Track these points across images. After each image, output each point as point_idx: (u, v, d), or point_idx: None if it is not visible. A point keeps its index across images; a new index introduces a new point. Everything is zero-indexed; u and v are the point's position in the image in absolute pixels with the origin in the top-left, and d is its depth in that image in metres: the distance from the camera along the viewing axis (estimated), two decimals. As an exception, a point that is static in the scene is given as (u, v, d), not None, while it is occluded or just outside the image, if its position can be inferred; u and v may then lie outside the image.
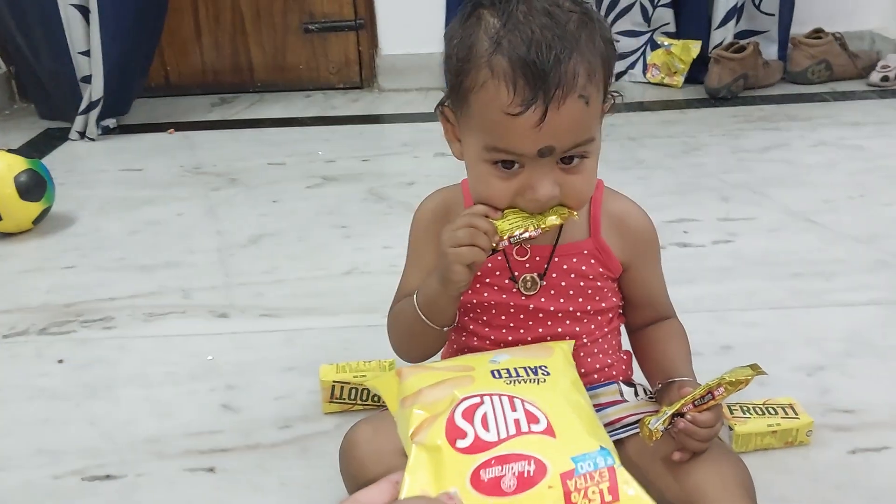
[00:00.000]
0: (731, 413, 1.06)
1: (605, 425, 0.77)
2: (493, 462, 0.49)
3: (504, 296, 0.87)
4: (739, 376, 0.78)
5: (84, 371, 1.28)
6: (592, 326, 0.89)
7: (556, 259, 0.86)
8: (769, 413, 1.06)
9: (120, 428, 1.14)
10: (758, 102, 2.45)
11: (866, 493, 0.96)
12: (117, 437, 1.12)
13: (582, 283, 0.87)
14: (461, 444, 0.51)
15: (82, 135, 2.37)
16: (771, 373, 1.18)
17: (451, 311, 0.85)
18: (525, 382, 0.60)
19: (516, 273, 0.87)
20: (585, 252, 0.87)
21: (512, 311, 0.88)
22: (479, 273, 0.86)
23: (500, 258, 0.87)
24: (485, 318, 0.89)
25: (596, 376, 0.91)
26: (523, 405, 0.55)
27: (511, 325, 0.88)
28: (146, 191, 2.00)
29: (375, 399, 1.14)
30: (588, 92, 0.72)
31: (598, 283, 0.88)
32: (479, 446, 0.50)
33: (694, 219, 1.70)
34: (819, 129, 2.20)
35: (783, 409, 1.07)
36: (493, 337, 0.89)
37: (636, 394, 0.90)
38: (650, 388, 0.91)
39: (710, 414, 0.79)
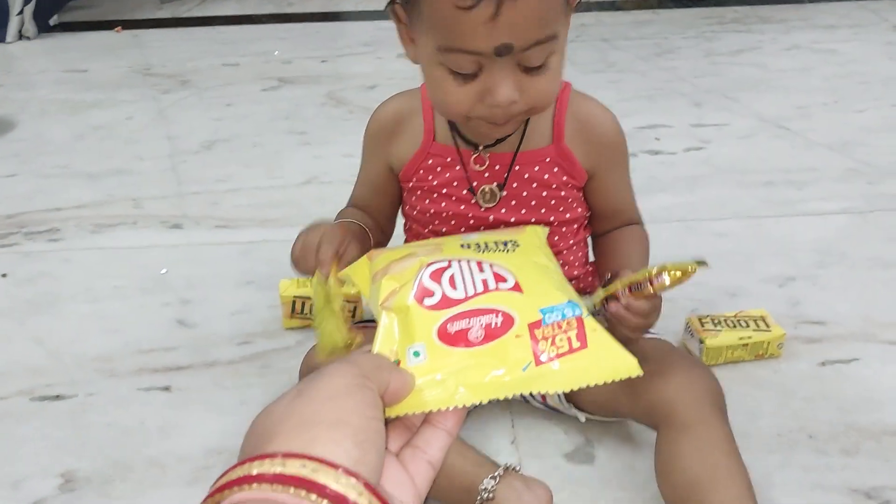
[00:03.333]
0: (703, 326, 1.04)
1: None
2: (460, 316, 0.49)
3: (462, 207, 0.84)
4: (682, 267, 0.73)
5: (28, 286, 1.21)
6: (556, 238, 0.85)
7: (517, 168, 0.81)
8: (740, 326, 1.04)
9: (68, 345, 1.08)
10: (731, 3, 2.38)
11: (836, 405, 0.95)
12: (65, 355, 1.07)
13: (545, 194, 0.82)
14: (428, 301, 0.51)
15: (20, 35, 2.21)
16: (742, 284, 1.17)
17: None
18: (494, 252, 0.59)
19: (475, 184, 0.82)
20: (548, 160, 0.82)
21: (471, 222, 0.84)
22: (435, 183, 0.84)
23: (457, 168, 0.82)
24: (444, 230, 0.86)
25: None
26: (491, 268, 0.54)
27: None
28: (92, 93, 1.88)
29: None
30: None
31: (562, 193, 0.83)
32: (446, 303, 0.50)
33: (666, 125, 1.65)
34: (793, 32, 2.14)
35: (755, 321, 1.05)
36: None
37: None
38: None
39: (645, 302, 0.73)
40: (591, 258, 0.94)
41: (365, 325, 0.91)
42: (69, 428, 0.95)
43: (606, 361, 0.51)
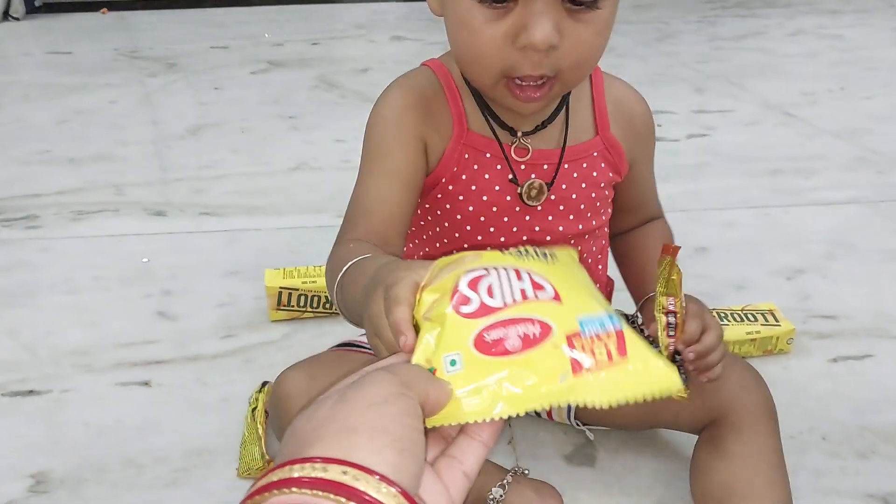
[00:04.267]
0: (708, 320, 1.00)
1: None
2: (497, 325, 0.47)
3: (506, 219, 0.70)
4: (672, 276, 0.66)
5: (4, 276, 1.16)
6: (594, 248, 0.77)
7: (566, 166, 0.70)
8: (748, 320, 0.99)
9: (43, 338, 1.03)
10: (734, -13, 2.33)
11: (849, 405, 0.90)
12: (40, 348, 1.02)
13: (593, 195, 0.72)
14: (465, 309, 0.48)
15: (6, 14, 2.15)
16: (750, 276, 1.13)
17: None
18: (533, 259, 0.55)
19: (521, 184, 0.69)
20: (595, 154, 0.71)
21: (514, 231, 0.71)
22: (473, 188, 0.70)
23: (498, 167, 0.69)
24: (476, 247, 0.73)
25: None
26: (530, 276, 0.51)
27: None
28: (76, 76, 1.82)
29: (327, 305, 1.05)
30: None
31: (606, 193, 0.73)
32: (483, 311, 0.48)
33: (668, 111, 1.60)
34: (798, 17, 2.09)
35: (763, 315, 1.00)
36: None
37: None
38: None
39: (695, 328, 0.65)
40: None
41: (349, 348, 0.81)
42: (42, 426, 0.90)
43: (648, 376, 0.47)
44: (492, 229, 0.71)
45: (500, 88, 0.62)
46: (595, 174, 0.72)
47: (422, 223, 0.74)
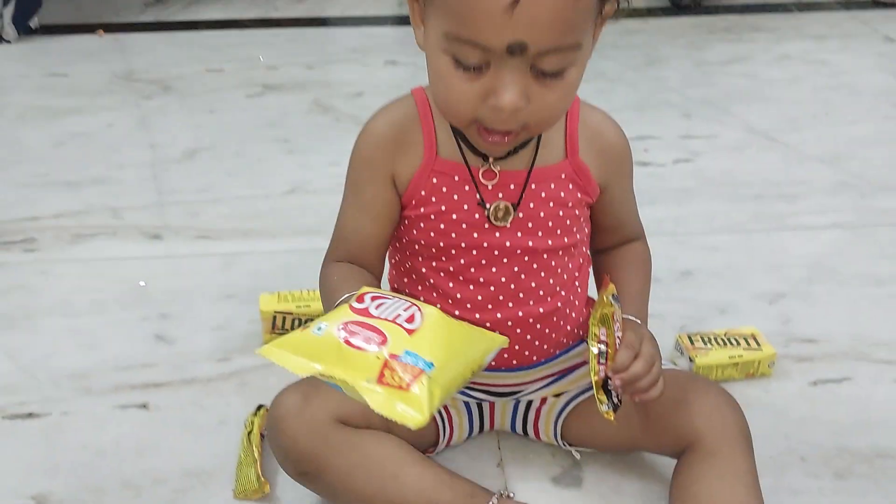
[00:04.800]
0: (692, 344, 1.02)
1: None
2: (360, 323, 0.62)
3: (476, 234, 0.75)
4: (603, 310, 0.72)
5: (1, 299, 1.18)
6: (570, 265, 0.80)
7: (533, 186, 0.75)
8: (731, 344, 1.02)
9: (42, 361, 1.05)
10: (721, 12, 2.37)
11: (828, 427, 0.93)
12: (39, 371, 1.04)
13: (561, 213, 0.76)
14: (355, 305, 0.64)
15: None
16: (733, 300, 1.16)
17: None
18: (443, 320, 0.65)
19: (488, 205, 0.74)
20: (563, 176, 0.76)
21: (485, 248, 0.75)
22: (442, 208, 0.75)
23: (466, 188, 0.74)
24: (451, 268, 0.77)
25: (565, 340, 0.83)
26: (416, 312, 0.64)
27: (482, 271, 0.76)
28: (72, 99, 1.85)
29: (320, 329, 1.08)
30: None
31: (577, 212, 0.78)
32: (361, 311, 0.64)
33: (655, 136, 1.64)
34: (783, 42, 2.13)
35: (745, 339, 1.03)
36: (459, 295, 0.77)
37: None
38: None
39: (625, 358, 0.70)
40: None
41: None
42: (42, 448, 0.92)
43: (405, 404, 0.58)
44: (463, 245, 0.76)
45: (472, 131, 0.68)
46: (563, 194, 0.76)
47: (404, 240, 0.79)
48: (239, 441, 0.90)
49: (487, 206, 0.74)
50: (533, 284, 0.78)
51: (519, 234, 0.75)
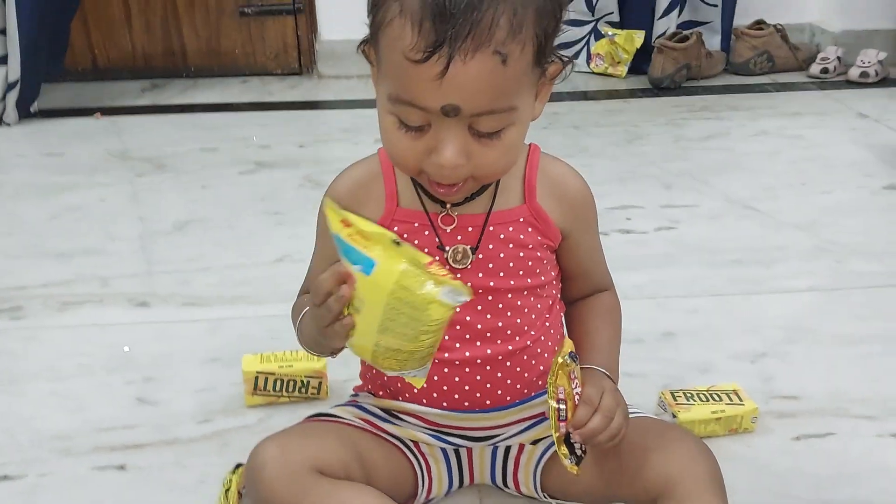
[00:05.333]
0: (675, 400, 1.03)
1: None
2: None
3: None
4: (560, 367, 0.74)
5: (-13, 364, 1.18)
6: (539, 305, 0.82)
7: (491, 228, 0.78)
8: (713, 399, 1.03)
9: (23, 424, 1.05)
10: (700, 93, 2.45)
11: (811, 481, 0.93)
12: (20, 434, 1.03)
13: (521, 254, 0.79)
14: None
15: (1, 121, 2.23)
16: (714, 360, 1.17)
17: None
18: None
19: (447, 248, 0.78)
20: (521, 219, 0.79)
21: None
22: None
23: (427, 233, 0.79)
24: None
25: (539, 381, 0.83)
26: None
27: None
28: (67, 176, 1.89)
29: (302, 390, 1.08)
30: (508, 49, 0.63)
31: (538, 254, 0.80)
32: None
33: (637, 206, 1.68)
34: (760, 119, 2.20)
35: (727, 395, 1.03)
36: None
37: None
38: None
39: (584, 414, 0.73)
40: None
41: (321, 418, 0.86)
42: (17, 510, 0.91)
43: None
44: None
45: (423, 180, 0.73)
46: (522, 237, 0.79)
47: None
48: (216, 499, 0.89)
49: (447, 249, 0.78)
50: (500, 323, 0.79)
51: (480, 275, 0.78)
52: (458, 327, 0.79)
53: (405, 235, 0.79)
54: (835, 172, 1.84)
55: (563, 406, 0.74)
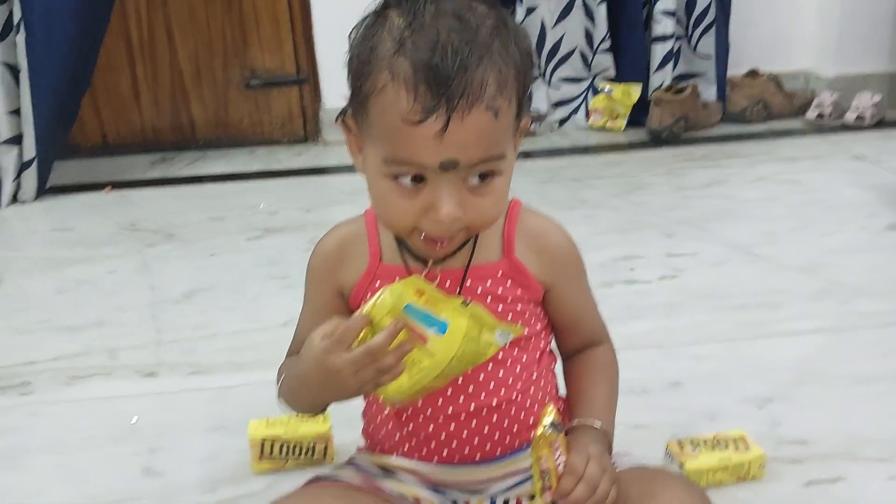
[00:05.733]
0: (681, 448, 1.02)
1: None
2: None
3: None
4: (542, 438, 0.75)
5: (-5, 440, 1.19)
6: (524, 358, 0.82)
7: (469, 282, 0.80)
8: (720, 447, 1.02)
9: (28, 499, 1.05)
10: (698, 143, 2.48)
11: (822, 527, 0.91)
12: (26, 509, 1.04)
13: (500, 308, 0.80)
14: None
15: (14, 198, 2.28)
16: (720, 407, 1.16)
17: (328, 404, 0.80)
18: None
19: None
20: (500, 273, 0.81)
21: None
22: None
23: None
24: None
25: (529, 433, 0.82)
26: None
27: None
28: (77, 250, 1.92)
29: (309, 455, 1.08)
30: (497, 104, 0.67)
31: (519, 307, 0.81)
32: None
33: (639, 255, 1.68)
34: (758, 166, 2.22)
35: (734, 442, 1.03)
36: None
37: None
38: None
39: (568, 483, 0.73)
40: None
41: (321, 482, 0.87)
42: (23, 586, 0.91)
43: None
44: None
45: (414, 239, 0.74)
46: (501, 290, 0.80)
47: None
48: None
49: None
50: (481, 377, 0.80)
51: None
52: None
53: None
54: (835, 215, 1.85)
55: (545, 478, 0.75)
